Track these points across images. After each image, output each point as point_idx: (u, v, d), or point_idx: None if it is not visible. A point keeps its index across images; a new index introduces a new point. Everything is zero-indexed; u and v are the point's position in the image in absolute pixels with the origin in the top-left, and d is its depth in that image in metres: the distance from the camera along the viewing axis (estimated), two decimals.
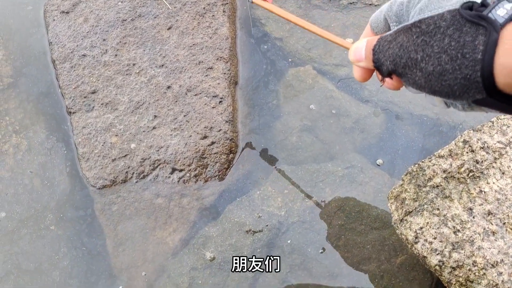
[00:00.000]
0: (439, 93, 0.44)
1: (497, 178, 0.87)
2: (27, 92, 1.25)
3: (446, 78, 0.42)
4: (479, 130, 0.91)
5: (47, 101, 1.24)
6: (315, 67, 1.27)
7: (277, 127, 1.20)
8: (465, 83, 0.40)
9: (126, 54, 1.23)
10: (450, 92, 0.42)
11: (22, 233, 1.09)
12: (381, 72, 0.50)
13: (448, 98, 0.44)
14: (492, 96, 0.40)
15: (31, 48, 1.31)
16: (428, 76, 0.43)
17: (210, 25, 1.26)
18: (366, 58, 0.51)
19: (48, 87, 1.25)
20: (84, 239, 1.09)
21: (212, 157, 1.13)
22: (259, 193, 1.12)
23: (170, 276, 1.04)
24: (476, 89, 0.40)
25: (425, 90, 0.45)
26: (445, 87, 0.42)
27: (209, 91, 1.18)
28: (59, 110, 1.22)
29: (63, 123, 1.21)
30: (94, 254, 1.07)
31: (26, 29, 1.34)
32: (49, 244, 1.08)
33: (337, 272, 1.03)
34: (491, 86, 0.39)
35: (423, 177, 0.90)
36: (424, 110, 1.21)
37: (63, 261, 1.06)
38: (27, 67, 1.29)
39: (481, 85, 0.39)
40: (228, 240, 1.07)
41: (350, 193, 1.11)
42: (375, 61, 0.49)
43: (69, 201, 1.12)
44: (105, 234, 1.08)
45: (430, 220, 0.86)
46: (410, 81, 0.46)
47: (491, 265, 0.81)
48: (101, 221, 1.10)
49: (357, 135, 1.18)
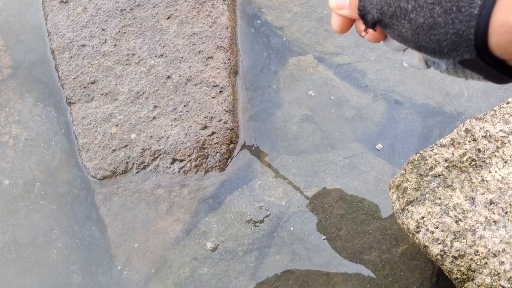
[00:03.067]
0: (425, 49, 0.41)
1: (500, 167, 0.86)
2: (27, 82, 1.25)
3: (436, 32, 0.39)
4: (481, 118, 0.90)
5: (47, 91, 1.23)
6: (316, 55, 1.26)
7: (278, 115, 1.19)
8: (456, 39, 0.38)
9: (125, 44, 1.22)
10: (437, 48, 0.40)
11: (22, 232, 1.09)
12: (365, 22, 0.46)
13: (434, 55, 0.41)
14: (481, 58, 0.38)
15: (30, 38, 1.30)
16: (416, 29, 0.40)
17: (209, 14, 1.25)
18: (350, 5, 0.47)
19: (47, 77, 1.25)
20: (85, 230, 1.09)
21: (213, 147, 1.13)
22: (260, 183, 1.12)
23: (171, 266, 1.04)
24: (466, 48, 0.38)
25: (410, 44, 0.43)
26: (433, 42, 0.40)
27: (209, 81, 1.17)
28: (60, 100, 1.22)
29: (64, 114, 1.20)
30: (94, 244, 1.07)
31: (25, 20, 1.33)
32: (45, 228, 1.08)
33: (338, 261, 1.03)
34: (482, 45, 0.37)
35: (425, 166, 0.89)
36: (427, 99, 1.20)
37: (64, 252, 1.06)
38: (26, 58, 1.28)
39: (472, 43, 0.37)
40: (229, 230, 1.07)
41: (351, 183, 1.11)
42: (361, 8, 0.45)
43: (69, 192, 1.12)
44: (106, 225, 1.08)
45: (432, 209, 0.85)
46: (396, 33, 0.43)
47: (493, 254, 0.80)
48: (102, 212, 1.10)
49: (357, 121, 1.17)
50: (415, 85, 1.21)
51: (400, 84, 1.22)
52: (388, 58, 1.25)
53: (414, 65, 0.50)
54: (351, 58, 1.25)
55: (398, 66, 1.24)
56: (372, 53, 1.25)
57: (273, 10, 1.32)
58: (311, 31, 1.29)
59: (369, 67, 1.24)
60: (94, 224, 1.09)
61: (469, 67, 0.41)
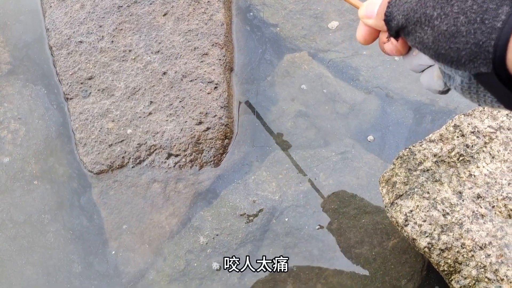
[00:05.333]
0: (443, 57, 0.42)
1: (487, 162, 0.88)
2: (26, 78, 1.26)
3: (457, 40, 0.40)
4: (470, 114, 0.92)
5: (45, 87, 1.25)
6: (311, 52, 1.28)
7: (272, 111, 1.21)
8: (475, 49, 0.39)
9: (122, 41, 1.24)
10: (455, 58, 0.41)
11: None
12: (389, 29, 0.48)
13: (451, 64, 0.42)
14: (497, 73, 0.39)
15: (28, 35, 1.32)
16: (438, 36, 0.42)
17: (205, 11, 1.26)
18: (378, 14, 0.49)
19: (46, 73, 1.27)
20: (83, 223, 1.11)
21: (208, 143, 1.15)
22: (254, 178, 1.13)
23: (167, 258, 1.06)
24: (484, 60, 0.39)
25: (430, 51, 0.43)
26: (453, 51, 0.41)
27: (204, 77, 1.19)
28: (58, 95, 1.24)
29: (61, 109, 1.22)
30: (90, 238, 1.09)
31: (23, 16, 1.35)
32: (44, 232, 1.10)
33: (331, 255, 1.05)
34: (500, 60, 0.38)
35: (414, 161, 0.91)
36: (419, 95, 1.21)
37: (62, 245, 1.08)
38: (25, 54, 1.30)
39: (490, 56, 0.38)
40: (223, 224, 1.08)
41: (344, 178, 1.13)
42: (387, 14, 0.47)
43: (66, 187, 1.14)
44: (103, 218, 1.10)
45: (420, 203, 0.87)
46: (417, 40, 0.44)
47: (479, 247, 0.82)
48: (99, 206, 1.11)
49: (350, 117, 1.19)
50: (408, 82, 1.23)
51: (394, 81, 1.23)
52: (382, 56, 1.26)
53: (432, 86, 0.51)
54: (345, 54, 1.27)
55: (395, 66, 1.26)
56: (366, 51, 1.27)
57: (268, 7, 1.33)
58: (306, 29, 1.30)
59: (363, 63, 1.26)
60: (90, 217, 1.11)
61: (484, 83, 0.41)
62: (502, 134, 0.89)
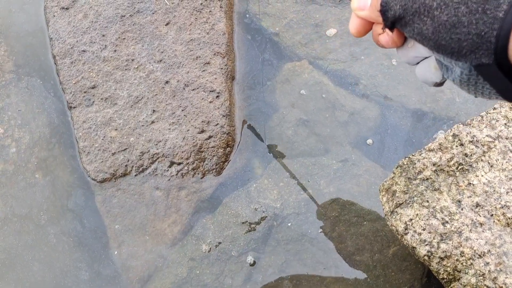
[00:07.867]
0: (443, 48, 0.41)
1: (486, 171, 0.89)
2: (29, 87, 1.28)
3: (458, 31, 0.39)
4: (469, 124, 0.93)
5: (49, 96, 1.26)
6: (311, 61, 1.29)
7: (273, 120, 1.22)
8: (477, 40, 0.38)
9: (125, 50, 1.25)
10: (456, 48, 0.40)
11: (23, 230, 1.12)
12: (385, 19, 0.46)
13: (451, 56, 0.41)
14: (498, 65, 0.38)
15: (32, 44, 1.34)
16: (438, 26, 0.40)
17: (207, 21, 1.28)
18: (371, 6, 0.47)
19: (49, 82, 1.28)
20: (86, 232, 1.12)
21: (210, 151, 1.16)
22: (255, 185, 1.15)
23: (169, 266, 1.07)
24: (486, 51, 0.38)
25: (429, 43, 0.42)
26: (454, 41, 0.40)
27: (206, 86, 1.20)
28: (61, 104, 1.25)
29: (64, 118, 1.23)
30: (94, 245, 1.10)
31: (27, 25, 1.36)
32: (47, 241, 1.11)
33: (331, 262, 1.06)
34: (502, 50, 0.37)
35: (414, 170, 0.92)
36: (418, 103, 1.23)
37: (67, 253, 1.10)
38: (28, 63, 1.31)
39: (492, 46, 0.37)
40: (225, 231, 1.10)
41: (344, 186, 1.14)
42: (383, 4, 0.45)
43: (70, 195, 1.15)
44: (106, 226, 1.12)
45: (420, 212, 0.88)
46: (416, 31, 0.43)
47: (478, 255, 0.83)
48: (102, 214, 1.13)
49: (350, 125, 1.20)
50: (408, 89, 1.24)
51: (393, 89, 1.25)
52: (382, 64, 1.28)
53: (428, 78, 0.50)
54: (345, 63, 1.28)
55: (394, 72, 1.27)
56: (366, 58, 1.28)
57: (269, 16, 1.35)
58: (306, 37, 1.32)
59: (363, 72, 1.27)
60: (93, 225, 1.12)
61: (484, 75, 0.40)
62: (501, 143, 0.91)
